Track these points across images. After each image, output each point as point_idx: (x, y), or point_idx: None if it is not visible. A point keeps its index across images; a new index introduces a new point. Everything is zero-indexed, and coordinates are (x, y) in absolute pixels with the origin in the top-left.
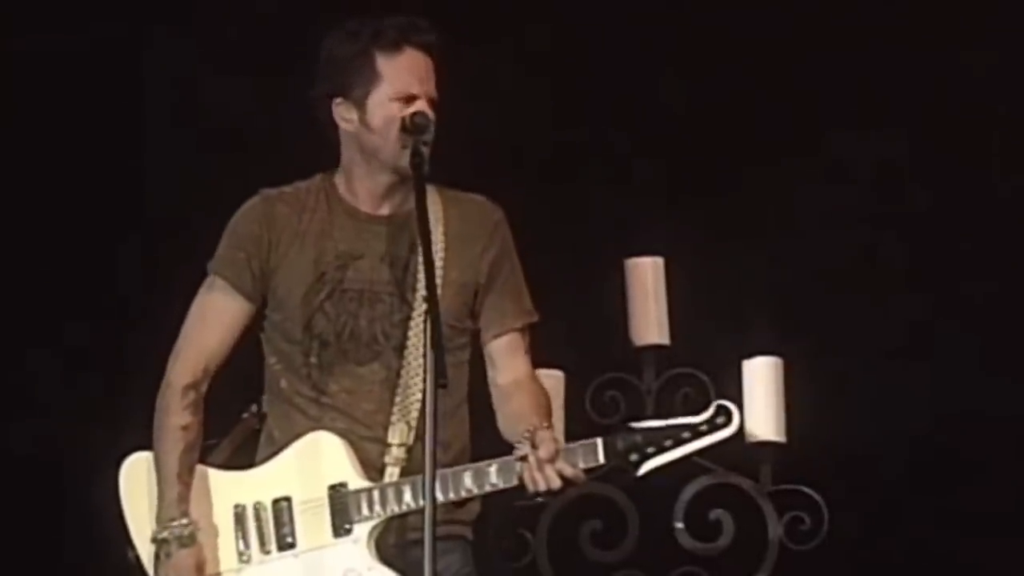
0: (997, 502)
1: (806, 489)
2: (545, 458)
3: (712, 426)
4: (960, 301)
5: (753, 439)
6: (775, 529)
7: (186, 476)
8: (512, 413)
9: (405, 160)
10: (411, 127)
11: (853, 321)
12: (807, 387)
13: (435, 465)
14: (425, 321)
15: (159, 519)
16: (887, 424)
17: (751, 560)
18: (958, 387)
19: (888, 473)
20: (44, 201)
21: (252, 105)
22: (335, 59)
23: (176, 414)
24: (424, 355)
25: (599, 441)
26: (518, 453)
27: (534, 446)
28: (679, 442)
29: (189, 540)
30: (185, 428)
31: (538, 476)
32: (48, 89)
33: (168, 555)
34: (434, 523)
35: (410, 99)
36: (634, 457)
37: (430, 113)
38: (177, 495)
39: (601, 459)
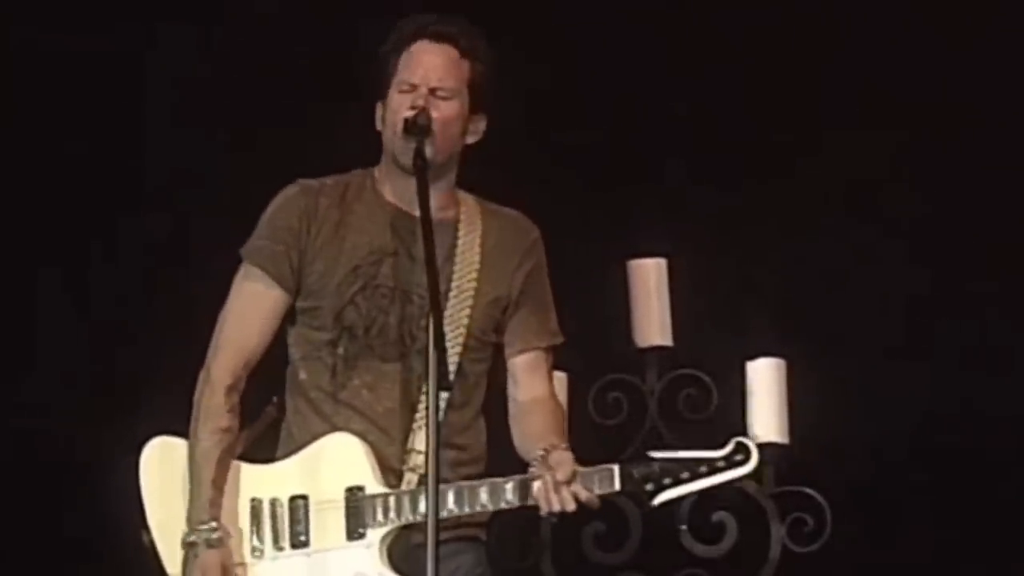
0: (999, 502)
1: (809, 491)
2: (562, 480)
3: (730, 463)
4: (962, 301)
5: (756, 441)
6: (778, 531)
7: (220, 481)
8: (529, 432)
9: (405, 158)
10: (413, 128)
11: (855, 322)
12: (810, 388)
13: (438, 469)
14: (428, 322)
15: (189, 521)
16: (890, 425)
17: (754, 562)
18: (959, 387)
19: (891, 474)
20: (46, 197)
21: (255, 107)
22: (375, 65)
23: (219, 416)
24: (428, 355)
25: (616, 468)
26: (534, 472)
27: (549, 466)
28: (695, 476)
29: (217, 542)
30: (226, 431)
31: (553, 497)
32: (48, 89)
33: (196, 556)
34: (437, 528)
35: (411, 88)
36: (650, 487)
37: (431, 112)
38: (209, 500)
39: (617, 487)
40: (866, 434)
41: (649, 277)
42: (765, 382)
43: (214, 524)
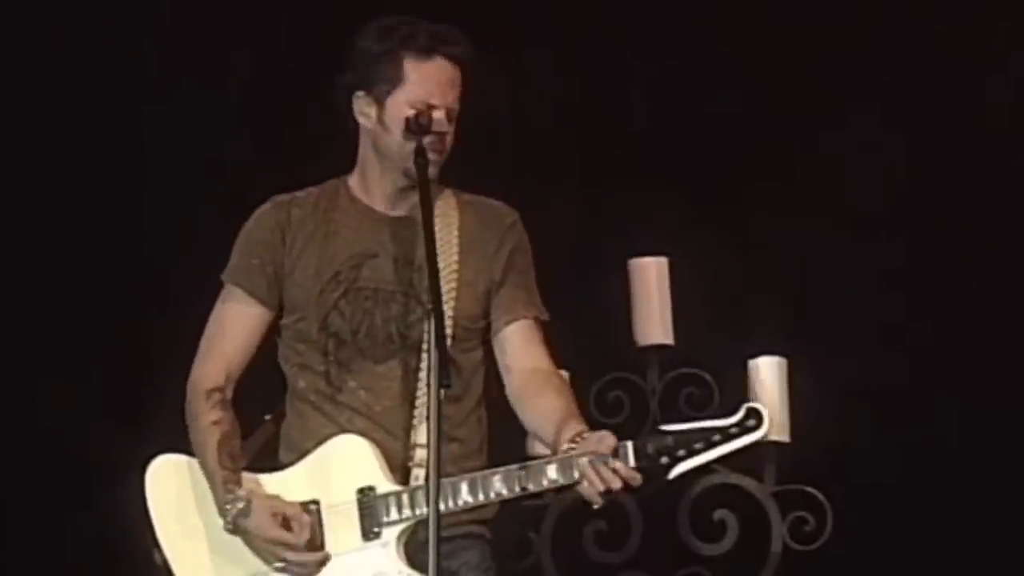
0: (1000, 502)
1: (810, 489)
2: (607, 451)
3: (743, 429)
4: (965, 301)
5: None
6: (779, 529)
7: (228, 462)
8: (545, 412)
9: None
10: (415, 128)
11: (857, 321)
12: (811, 387)
13: (440, 465)
14: (428, 319)
15: (220, 510)
16: (890, 424)
17: (755, 560)
18: (962, 387)
19: (891, 473)
20: (57, 201)
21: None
22: (365, 53)
23: (204, 414)
24: (429, 354)
25: (629, 444)
26: (576, 451)
27: (592, 447)
28: (710, 445)
29: (247, 507)
30: (216, 423)
31: (608, 475)
32: (49, 88)
33: (245, 529)
34: (438, 524)
35: (429, 108)
36: (664, 460)
37: (439, 116)
38: (223, 479)
39: (631, 462)
40: (867, 432)
41: (650, 276)
42: (766, 380)
43: (235, 495)
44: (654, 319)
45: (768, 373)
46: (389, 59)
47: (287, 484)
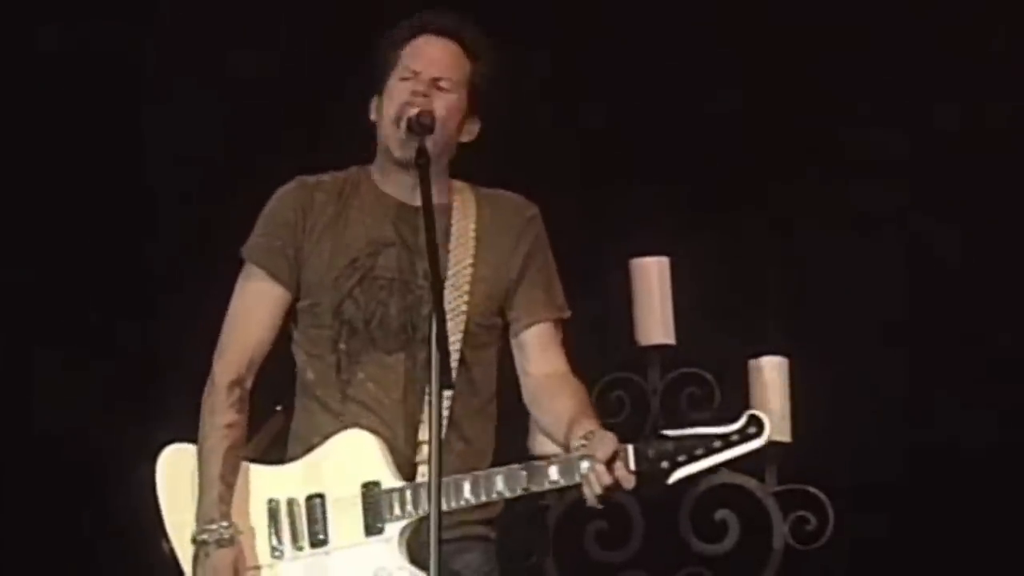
0: (1001, 501)
1: (811, 489)
2: (602, 458)
3: (743, 436)
4: (965, 302)
5: None
6: (780, 529)
7: (229, 476)
8: (559, 413)
9: (403, 151)
10: (416, 128)
11: (858, 320)
12: (812, 387)
13: (440, 465)
14: (430, 319)
15: (199, 519)
16: (892, 423)
17: (756, 560)
18: (961, 387)
19: (891, 473)
20: (69, 194)
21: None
22: (374, 60)
23: (221, 412)
24: (431, 355)
25: (630, 448)
26: (581, 451)
27: (595, 449)
28: (710, 451)
29: (228, 542)
30: (230, 426)
31: (606, 477)
32: (52, 87)
33: (207, 555)
34: (439, 524)
35: (414, 75)
36: (665, 465)
37: (435, 110)
38: (218, 496)
39: (632, 466)
40: (868, 432)
41: (651, 275)
42: (767, 380)
43: (225, 523)
44: (655, 319)
45: (769, 373)
46: (389, 54)
47: (292, 477)
